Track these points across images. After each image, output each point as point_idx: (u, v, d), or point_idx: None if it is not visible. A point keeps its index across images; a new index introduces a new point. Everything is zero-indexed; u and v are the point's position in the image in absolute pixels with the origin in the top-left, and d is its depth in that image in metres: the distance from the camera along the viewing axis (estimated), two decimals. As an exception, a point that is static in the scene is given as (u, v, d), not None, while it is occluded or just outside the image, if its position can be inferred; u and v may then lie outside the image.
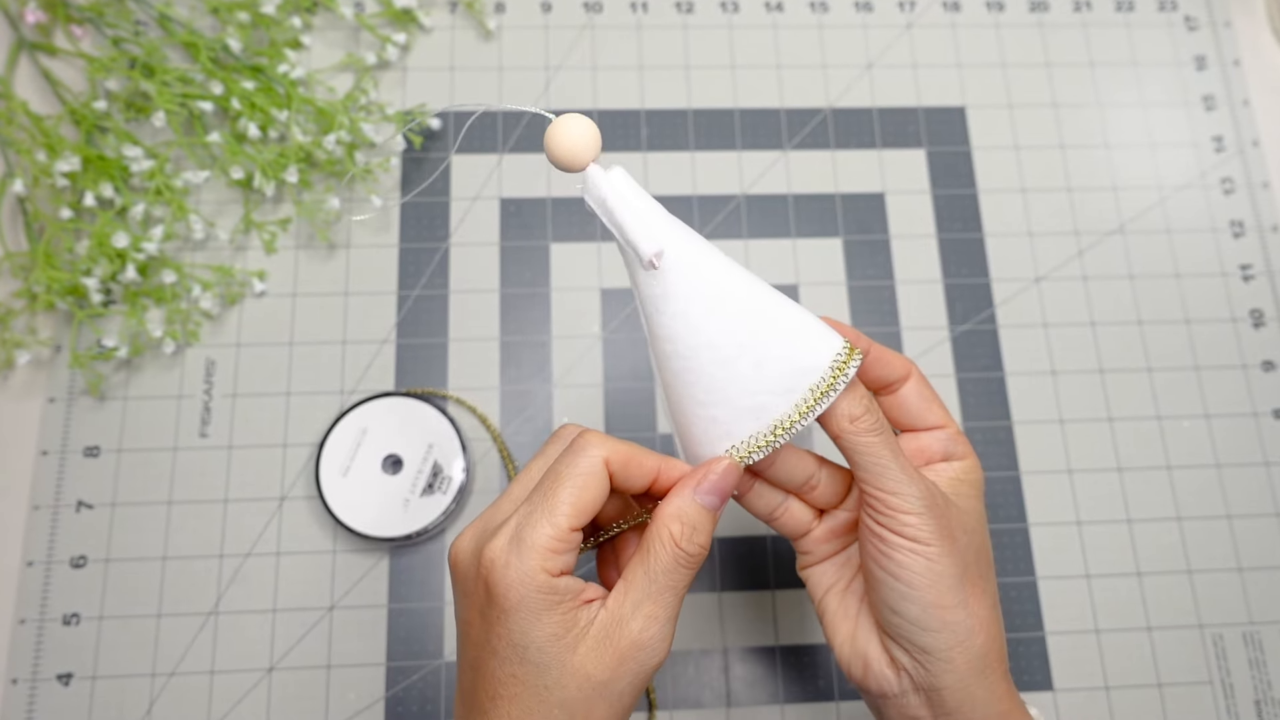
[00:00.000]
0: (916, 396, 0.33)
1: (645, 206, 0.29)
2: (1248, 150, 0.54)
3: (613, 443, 0.30)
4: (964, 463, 0.33)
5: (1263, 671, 0.45)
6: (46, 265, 0.46)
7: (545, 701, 0.28)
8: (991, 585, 0.32)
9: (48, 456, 0.46)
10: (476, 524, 0.30)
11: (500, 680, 0.28)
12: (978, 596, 0.31)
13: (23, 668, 0.43)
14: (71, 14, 0.52)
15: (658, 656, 0.29)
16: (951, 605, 0.30)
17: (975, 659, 0.30)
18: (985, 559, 0.32)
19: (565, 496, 0.28)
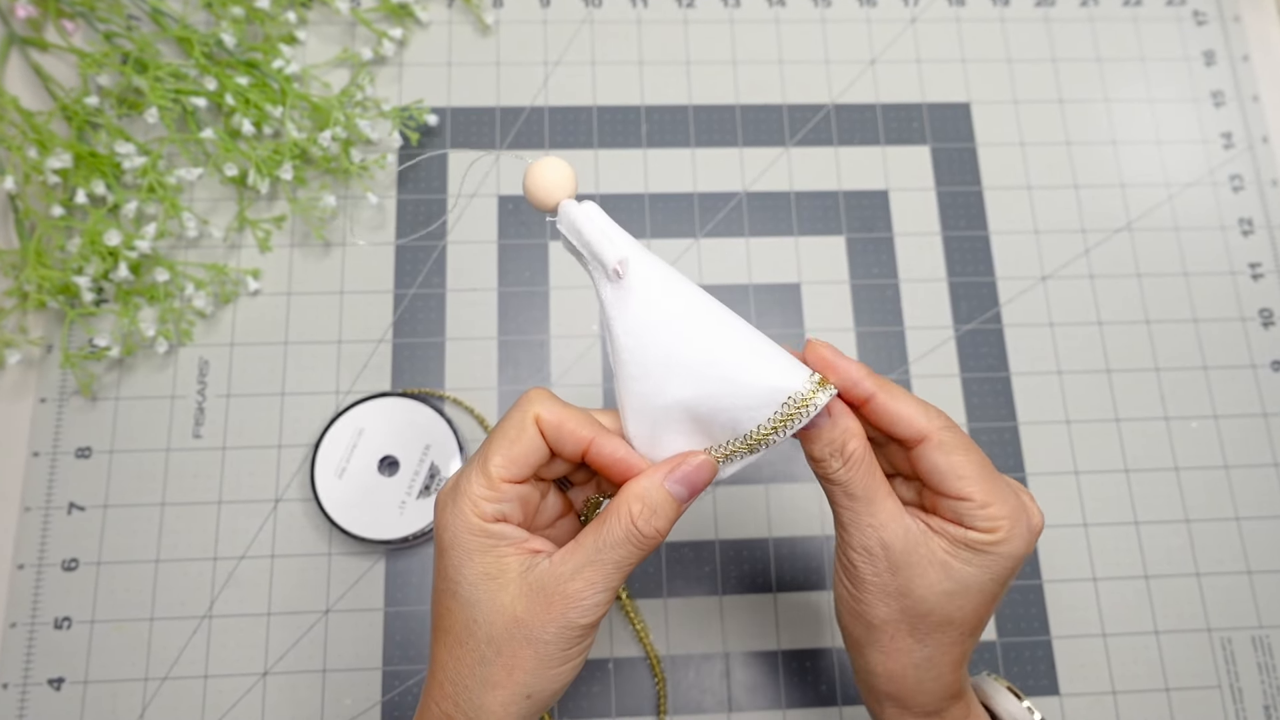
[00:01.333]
0: (932, 465, 0.31)
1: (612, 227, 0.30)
2: (1257, 146, 0.53)
3: (551, 404, 0.31)
4: (984, 538, 0.31)
5: (1272, 675, 0.45)
6: (37, 263, 0.45)
7: (474, 635, 0.30)
8: (931, 650, 0.32)
9: (39, 458, 0.45)
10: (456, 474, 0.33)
11: (440, 613, 0.31)
12: (898, 651, 0.32)
13: (13, 672, 0.42)
14: (63, 8, 0.51)
15: (589, 616, 0.30)
16: (858, 639, 0.33)
17: (875, 692, 0.33)
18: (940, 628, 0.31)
19: (496, 448, 0.30)
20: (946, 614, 0.31)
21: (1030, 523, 0.31)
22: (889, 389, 0.31)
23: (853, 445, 0.31)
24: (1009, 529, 0.30)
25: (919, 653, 0.32)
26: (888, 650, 0.32)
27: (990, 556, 0.31)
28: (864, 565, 0.31)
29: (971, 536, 0.31)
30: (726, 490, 0.47)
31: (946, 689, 0.33)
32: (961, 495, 0.31)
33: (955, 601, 0.31)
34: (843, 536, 0.32)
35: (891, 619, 0.32)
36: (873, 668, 0.33)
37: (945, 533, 0.31)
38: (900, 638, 0.32)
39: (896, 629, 0.32)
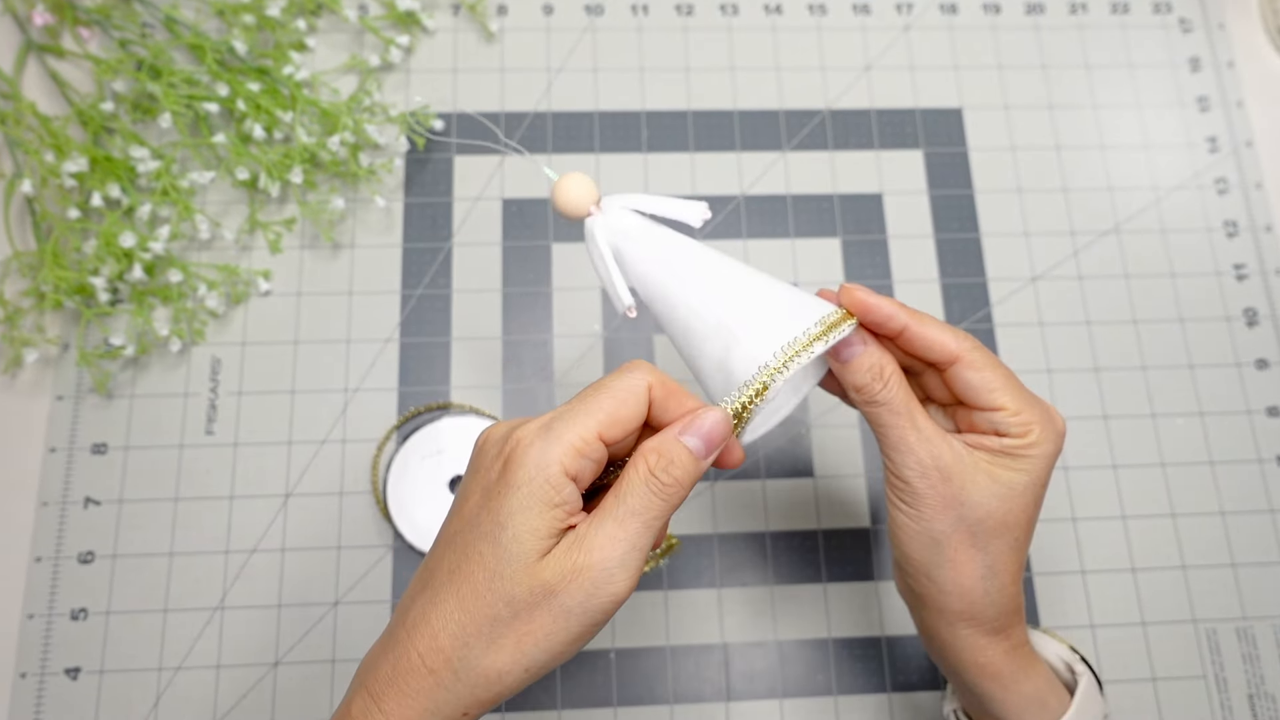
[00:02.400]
0: (965, 382, 0.34)
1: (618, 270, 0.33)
2: (1241, 151, 0.55)
3: (660, 374, 0.31)
4: (1018, 441, 0.33)
5: (1256, 666, 0.46)
6: (54, 264, 0.46)
7: (494, 590, 0.28)
8: (991, 557, 0.34)
9: (56, 453, 0.47)
10: (515, 420, 0.31)
11: (465, 556, 0.29)
12: (964, 563, 0.34)
13: (31, 662, 0.44)
14: (79, 16, 0.52)
15: (614, 585, 0.28)
16: (927, 562, 0.34)
17: (945, 612, 0.35)
18: (997, 532, 0.34)
19: (603, 404, 0.29)
20: (1001, 517, 0.33)
21: (1056, 425, 0.34)
22: (920, 318, 0.34)
23: (890, 368, 0.34)
24: (1040, 432, 0.33)
25: (982, 561, 0.34)
26: (955, 563, 0.34)
27: (1027, 459, 0.33)
28: (918, 480, 0.33)
29: (1008, 443, 0.33)
30: (726, 485, 0.48)
31: (1011, 601, 0.35)
32: (996, 406, 0.33)
33: (1005, 504, 0.33)
34: (893, 460, 0.34)
35: (953, 529, 0.33)
36: (943, 586, 0.34)
37: (983, 446, 0.34)
38: (964, 548, 0.34)
39: (960, 540, 0.33)
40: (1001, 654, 0.35)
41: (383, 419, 0.48)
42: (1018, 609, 0.35)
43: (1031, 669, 0.36)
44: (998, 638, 0.35)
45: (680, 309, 0.33)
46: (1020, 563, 0.35)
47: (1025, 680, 0.35)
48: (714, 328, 0.32)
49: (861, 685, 0.45)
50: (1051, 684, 0.36)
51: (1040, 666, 0.36)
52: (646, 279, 0.33)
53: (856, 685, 0.45)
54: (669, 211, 0.34)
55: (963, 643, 0.35)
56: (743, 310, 0.32)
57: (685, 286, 0.33)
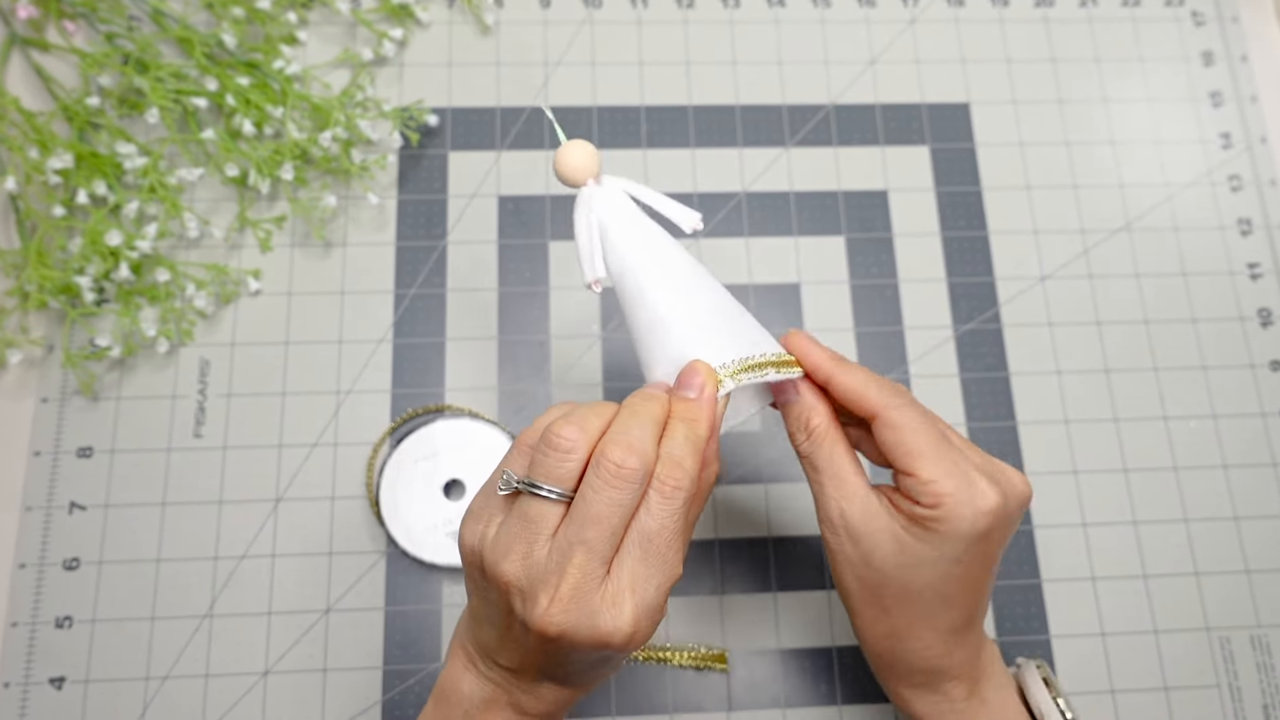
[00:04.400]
0: (881, 442, 0.33)
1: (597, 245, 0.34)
2: (1255, 147, 0.53)
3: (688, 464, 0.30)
4: (928, 512, 0.32)
5: (1271, 675, 0.45)
6: (39, 263, 0.45)
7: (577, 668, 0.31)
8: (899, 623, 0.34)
9: (40, 457, 0.46)
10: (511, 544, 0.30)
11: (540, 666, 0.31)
12: (870, 619, 0.34)
13: (14, 671, 0.43)
14: (64, 9, 0.51)
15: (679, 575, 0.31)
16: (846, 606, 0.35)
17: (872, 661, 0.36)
18: (905, 601, 0.33)
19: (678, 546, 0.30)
20: (903, 586, 0.33)
21: (977, 503, 0.31)
22: (847, 370, 0.34)
23: (816, 420, 0.34)
24: (951, 506, 0.31)
25: (886, 623, 0.34)
26: (862, 618, 0.35)
27: (937, 534, 0.32)
28: (830, 536, 0.34)
29: (918, 511, 0.32)
30: (728, 491, 0.47)
31: (929, 664, 0.34)
32: (908, 470, 0.32)
33: (909, 575, 0.32)
34: (817, 510, 0.34)
35: (857, 589, 0.34)
36: (857, 634, 0.36)
37: (902, 509, 0.33)
38: (868, 607, 0.34)
39: (863, 599, 0.34)
40: (926, 706, 0.35)
41: (376, 421, 0.47)
42: (945, 669, 0.34)
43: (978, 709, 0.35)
44: (921, 691, 0.35)
45: (649, 300, 0.33)
46: (942, 628, 0.34)
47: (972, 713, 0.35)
48: (678, 328, 0.33)
49: (865, 695, 0.44)
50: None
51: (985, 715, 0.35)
52: (624, 262, 0.34)
53: (860, 695, 0.44)
54: (665, 209, 0.35)
55: (889, 691, 0.36)
56: (710, 320, 0.33)
57: (661, 282, 0.33)
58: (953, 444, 0.33)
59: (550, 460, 0.29)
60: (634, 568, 0.29)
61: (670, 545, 0.29)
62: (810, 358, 0.34)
